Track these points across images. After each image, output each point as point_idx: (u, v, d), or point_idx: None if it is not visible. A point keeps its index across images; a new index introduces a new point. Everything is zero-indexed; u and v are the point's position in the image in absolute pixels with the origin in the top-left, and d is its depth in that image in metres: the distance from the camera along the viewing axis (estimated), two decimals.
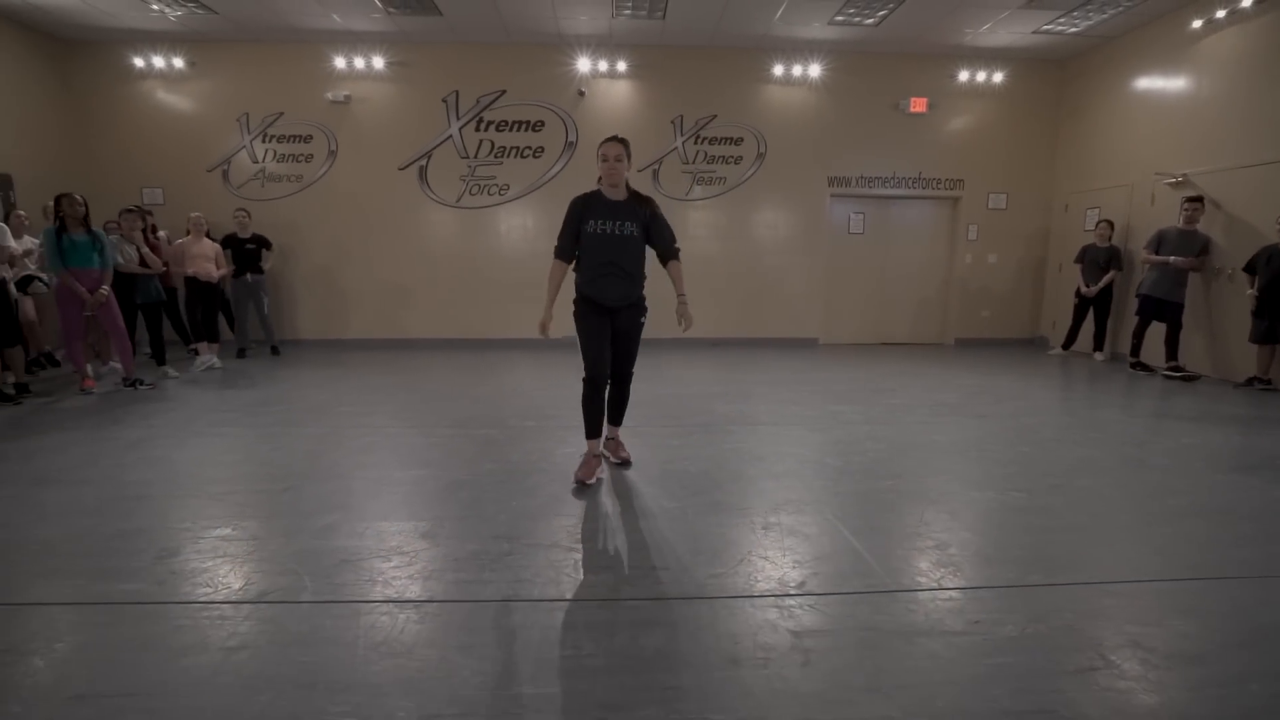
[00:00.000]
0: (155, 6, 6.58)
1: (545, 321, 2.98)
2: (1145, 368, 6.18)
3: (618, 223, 2.89)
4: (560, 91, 7.53)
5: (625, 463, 3.22)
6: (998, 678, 1.60)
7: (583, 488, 2.91)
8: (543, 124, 7.62)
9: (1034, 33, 6.89)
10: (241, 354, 6.98)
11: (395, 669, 1.61)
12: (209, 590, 2.00)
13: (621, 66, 7.43)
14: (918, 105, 7.69)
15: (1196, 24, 6.05)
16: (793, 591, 2.02)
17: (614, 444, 3.27)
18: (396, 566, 2.16)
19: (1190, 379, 5.81)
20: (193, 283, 6.26)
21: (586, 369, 2.97)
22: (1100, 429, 4.09)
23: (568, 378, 5.52)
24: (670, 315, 3.05)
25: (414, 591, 2.00)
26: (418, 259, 7.83)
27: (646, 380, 2.74)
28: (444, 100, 7.54)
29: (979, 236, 8.11)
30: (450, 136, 7.62)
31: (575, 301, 3.02)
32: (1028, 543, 2.40)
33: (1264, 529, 2.55)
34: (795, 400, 4.81)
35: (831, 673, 1.62)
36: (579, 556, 2.25)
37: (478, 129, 7.61)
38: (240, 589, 2.01)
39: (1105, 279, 6.67)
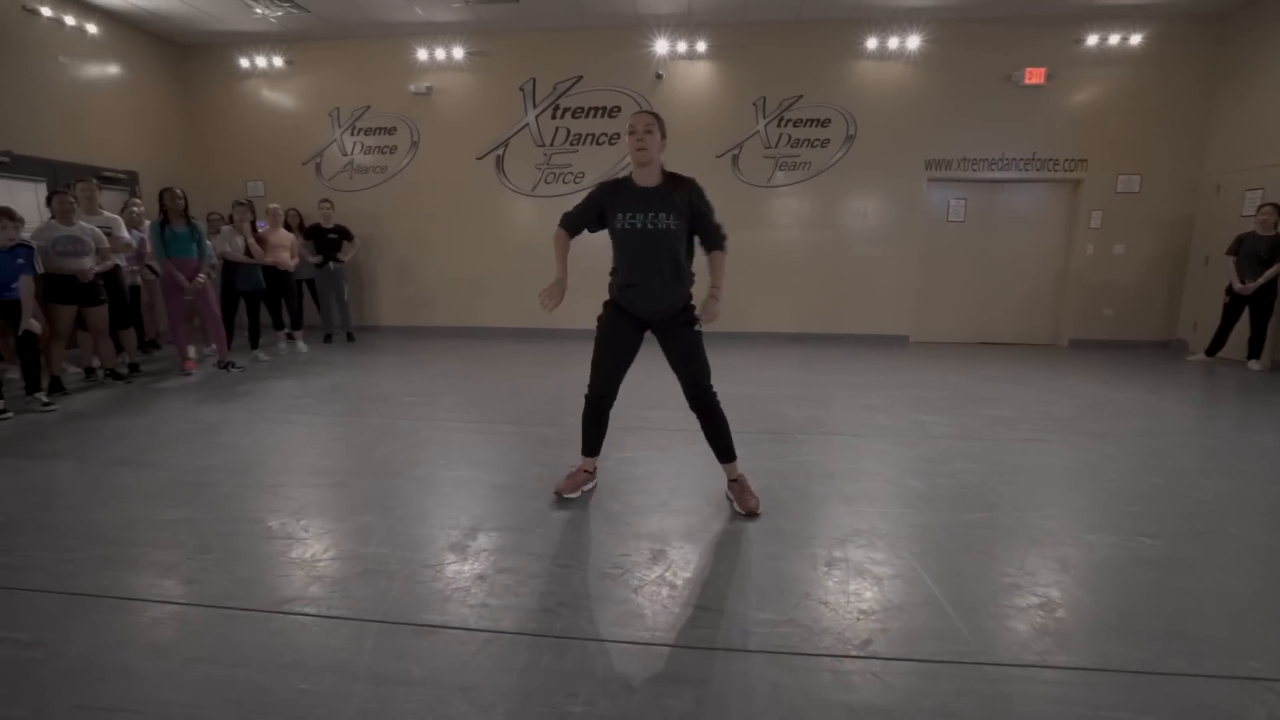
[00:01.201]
0: (258, 10, 6.92)
1: (552, 288, 2.58)
2: None
3: (650, 215, 2.39)
4: (637, 75, 7.28)
5: (751, 514, 2.54)
6: None
7: (560, 500, 2.64)
8: (619, 109, 7.41)
9: None
10: (327, 339, 7.30)
11: (386, 706, 1.46)
12: (227, 594, 1.95)
13: (701, 47, 7.08)
14: (1034, 76, 6.83)
15: None
16: (855, 653, 1.70)
17: (737, 487, 2.62)
18: (420, 583, 2.03)
19: None
20: (270, 272, 6.50)
21: (590, 385, 2.61)
22: (1257, 459, 3.39)
23: (634, 374, 5.30)
24: (738, 308, 2.71)
25: (430, 614, 1.86)
26: (493, 248, 7.87)
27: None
28: (521, 88, 7.49)
29: (1103, 224, 7.14)
30: (526, 125, 7.57)
31: (605, 304, 2.64)
32: (1164, 611, 1.94)
33: None
34: (878, 406, 4.36)
35: None
36: (610, 585, 2.03)
37: (554, 116, 7.51)
38: (263, 596, 1.95)
39: (1268, 274, 5.65)
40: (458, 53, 7.43)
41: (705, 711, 1.48)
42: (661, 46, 7.08)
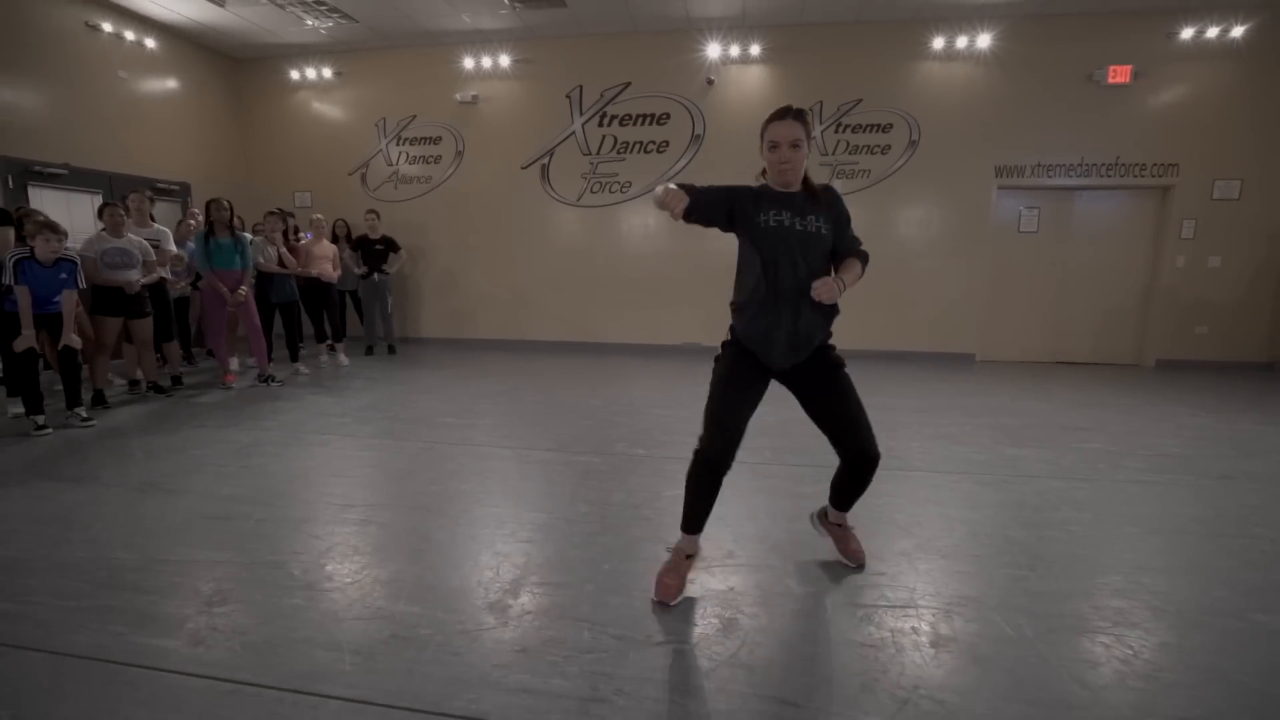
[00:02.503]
0: (309, 21, 6.93)
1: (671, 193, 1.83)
2: None
3: (798, 217, 1.96)
4: (687, 81, 7.02)
5: (860, 566, 2.24)
6: None
7: (664, 608, 1.98)
8: (668, 116, 7.15)
9: None
10: (369, 351, 7.21)
11: None
12: (235, 665, 1.71)
13: (755, 50, 6.77)
14: (1118, 75, 6.29)
15: None
16: None
17: (843, 534, 2.28)
18: (454, 654, 1.75)
19: None
20: (313, 283, 6.43)
21: (705, 436, 1.97)
22: None
23: (686, 395, 5.00)
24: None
25: (463, 699, 1.57)
26: (538, 259, 7.69)
27: (770, 401, 2.06)
28: (567, 96, 7.31)
29: (1197, 234, 6.52)
30: (573, 133, 7.38)
31: (724, 344, 2.12)
32: None
33: None
34: (955, 437, 3.93)
35: None
36: (674, 666, 1.71)
37: (600, 124, 7.30)
38: (275, 669, 1.70)
39: None
40: (504, 60, 7.31)
41: None
42: (713, 50, 6.81)
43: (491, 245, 7.77)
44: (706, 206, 1.92)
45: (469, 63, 7.39)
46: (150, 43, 6.96)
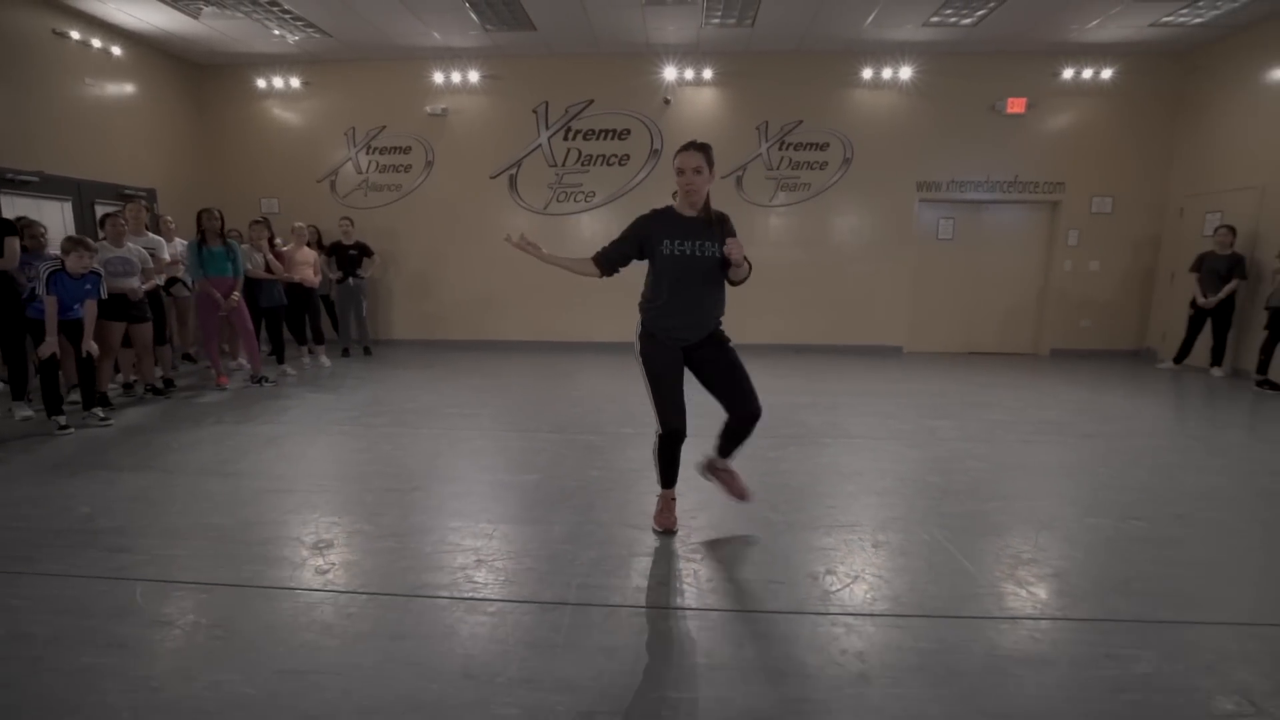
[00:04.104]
0: (276, 32, 7.16)
1: (533, 245, 2.52)
2: (1274, 386, 5.72)
3: (698, 242, 2.42)
4: (646, 100, 7.68)
5: (743, 499, 2.75)
6: (1136, 715, 1.60)
7: (670, 534, 2.62)
8: (629, 132, 7.79)
9: (1151, 25, 6.48)
10: (345, 353, 7.51)
11: (547, 668, 1.77)
12: (363, 583, 2.24)
13: (707, 74, 7.50)
14: (1015, 106, 7.37)
15: None
16: (913, 612, 2.06)
17: (729, 476, 2.75)
18: (545, 561, 2.34)
19: None
20: (295, 288, 6.71)
21: (662, 421, 2.47)
22: (1225, 454, 3.85)
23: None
24: (742, 320, 2.72)
25: (548, 594, 2.17)
26: (506, 264, 8.15)
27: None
28: (534, 111, 7.83)
29: (1080, 242, 7.70)
30: (540, 146, 7.91)
31: (641, 338, 2.57)
32: (1155, 575, 2.33)
33: None
34: (887, 413, 4.76)
35: (960, 697, 1.66)
36: (696, 568, 2.37)
37: (566, 138, 7.86)
38: (405, 583, 2.24)
39: (1226, 289, 6.20)
40: (473, 76, 7.75)
41: (804, 658, 1.82)
42: (670, 73, 7.49)
43: (462, 251, 8.19)
44: (614, 261, 2.54)
45: (439, 77, 7.80)
46: (116, 50, 7.03)
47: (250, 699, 1.63)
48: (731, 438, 2.65)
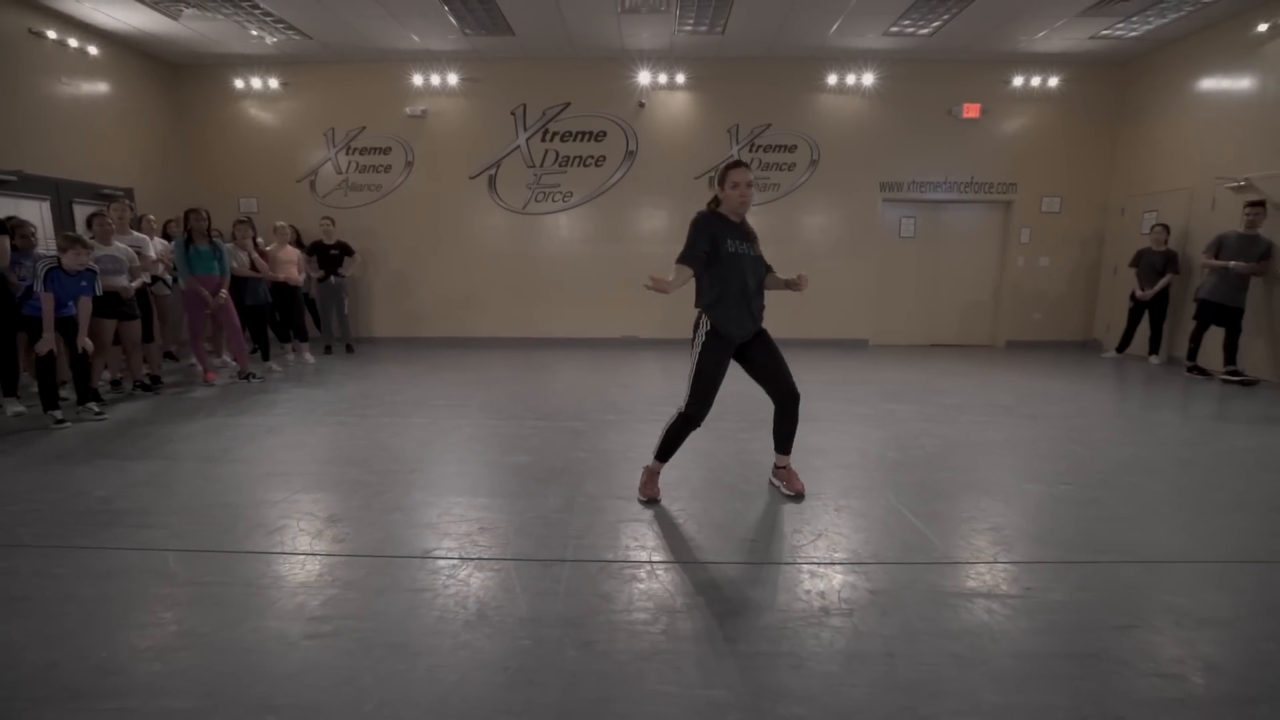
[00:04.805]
0: (255, 33, 7.25)
1: (662, 280, 2.54)
2: (1203, 371, 6.23)
3: (747, 244, 2.76)
4: (622, 103, 7.94)
5: (799, 495, 2.95)
6: (1048, 630, 1.92)
7: (653, 503, 2.88)
8: (605, 134, 8.04)
9: (1091, 38, 6.97)
10: (328, 351, 7.63)
11: (552, 610, 2.03)
12: (377, 547, 2.47)
13: (680, 79, 7.80)
14: (970, 111, 7.83)
15: (1262, 27, 6.06)
16: (868, 560, 2.36)
17: (787, 473, 3.05)
18: (544, 528, 2.59)
19: (1249, 383, 5.86)
20: (279, 287, 6.82)
21: (691, 406, 2.77)
22: (1152, 430, 4.27)
23: (631, 377, 5.96)
24: None
25: (547, 553, 2.42)
26: (486, 262, 8.36)
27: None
28: (513, 113, 8.04)
29: (1031, 240, 8.19)
30: (518, 147, 8.11)
31: (708, 334, 2.78)
32: (1075, 528, 2.68)
33: None
34: (853, 399, 5.10)
35: (905, 622, 1.97)
36: (679, 529, 2.64)
37: (543, 139, 8.09)
38: (417, 547, 2.47)
39: (1161, 283, 6.72)
40: (452, 79, 7.93)
41: (777, 598, 2.10)
42: (644, 77, 7.76)
43: (442, 250, 8.36)
44: (700, 257, 2.70)
45: (418, 79, 7.95)
46: (93, 50, 7.04)
47: (291, 637, 1.86)
48: (784, 428, 2.98)
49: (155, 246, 6.25)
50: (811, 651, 1.80)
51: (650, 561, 2.35)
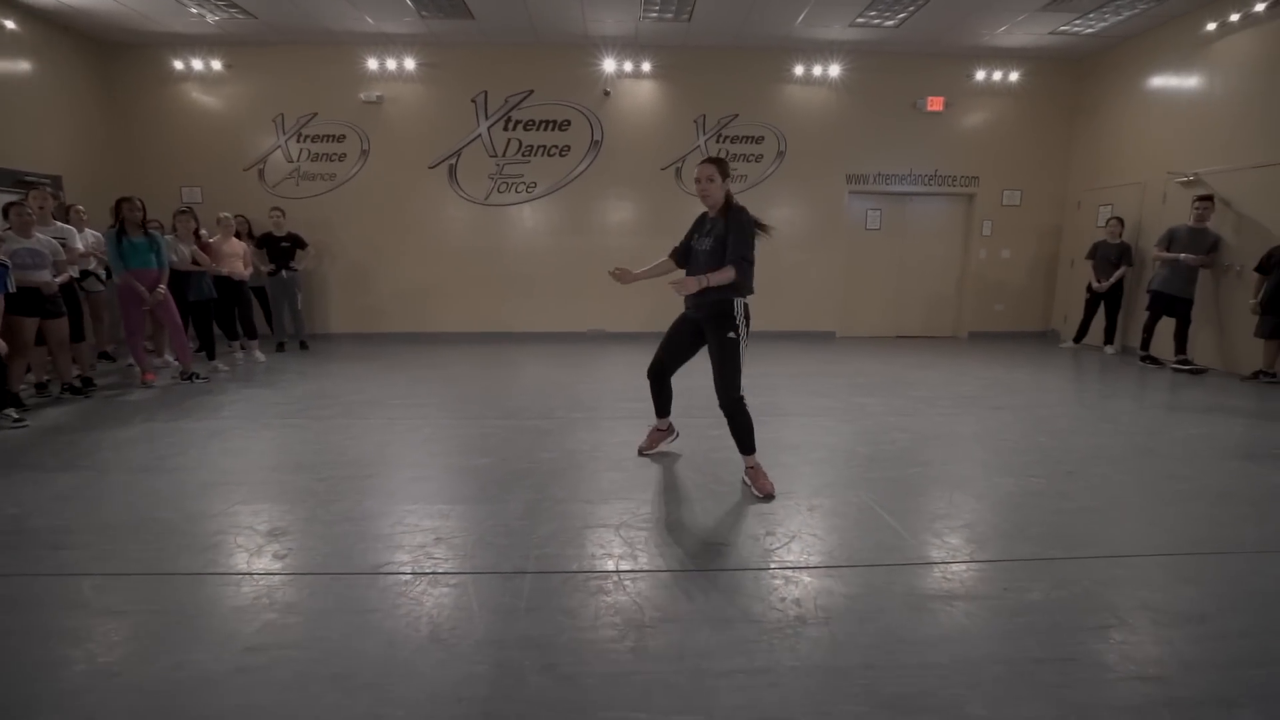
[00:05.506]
0: (194, 10, 6.81)
1: (624, 272, 3.13)
2: (1155, 361, 6.40)
3: (706, 238, 3.06)
4: (586, 91, 7.74)
5: (768, 496, 2.89)
6: (1027, 632, 1.87)
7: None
8: (569, 123, 7.84)
9: (1050, 33, 7.05)
10: (280, 348, 7.28)
11: (512, 630, 1.89)
12: (323, 564, 2.29)
13: (646, 67, 7.63)
14: (935, 104, 7.87)
15: (1211, 26, 6.20)
16: (843, 564, 2.29)
17: (755, 473, 3.00)
18: (504, 538, 2.44)
19: (1198, 372, 6.03)
20: (224, 282, 6.47)
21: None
22: (1113, 420, 4.33)
23: (602, 372, 5.82)
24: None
25: (508, 565, 2.28)
26: (446, 255, 8.09)
27: (680, 372, 3.11)
28: (473, 100, 7.76)
29: (993, 232, 8.30)
30: (479, 136, 7.85)
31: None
32: (1047, 523, 2.66)
33: (1261, 510, 2.80)
34: (821, 392, 5.06)
35: (883, 629, 1.89)
36: (649, 536, 2.52)
37: (506, 128, 7.84)
38: (367, 562, 2.30)
39: (1116, 275, 6.87)
40: (409, 64, 7.61)
41: (751, 607, 2.00)
42: (609, 65, 7.58)
43: (401, 242, 8.05)
44: (683, 251, 3.22)
45: (373, 64, 7.61)
46: (10, 24, 6.52)
47: (217, 674, 1.68)
48: (732, 432, 3.05)
49: (87, 238, 5.85)
50: (789, 667, 1.71)
51: (618, 571, 2.23)
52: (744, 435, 2.98)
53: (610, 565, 2.27)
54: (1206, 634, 1.86)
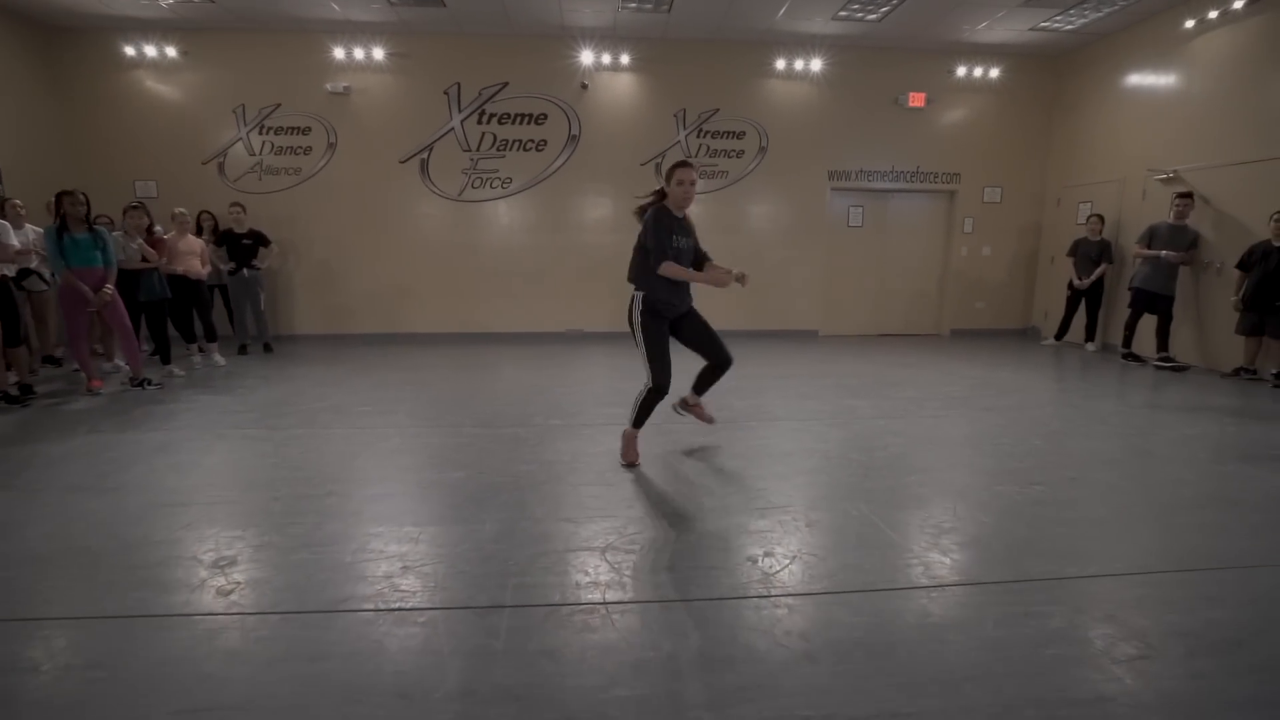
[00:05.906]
0: None
1: (728, 274, 3.15)
2: (1136, 358, 6.39)
3: (687, 238, 3.15)
4: (563, 84, 7.49)
5: (711, 420, 3.64)
6: (1057, 668, 1.71)
7: (631, 468, 3.22)
8: (545, 117, 7.58)
9: (1030, 30, 7.00)
10: (243, 351, 6.92)
11: (487, 677, 1.68)
12: (274, 601, 2.04)
13: (625, 60, 7.41)
14: (916, 100, 7.78)
15: (1189, 23, 6.19)
16: (849, 589, 2.11)
17: (697, 409, 3.59)
18: (477, 564, 2.21)
19: (1180, 369, 6.03)
20: (180, 281, 6.10)
21: (655, 378, 3.15)
22: (1103, 420, 4.25)
23: (583, 375, 5.60)
24: None
25: (483, 598, 2.06)
26: (419, 253, 7.78)
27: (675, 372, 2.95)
28: (445, 92, 7.47)
29: (974, 229, 8.26)
30: (452, 129, 7.55)
31: (642, 313, 3.15)
32: (1057, 535, 2.52)
33: (1270, 519, 2.70)
34: (809, 395, 4.91)
35: (902, 667, 1.71)
36: (636, 559, 2.32)
37: (480, 121, 7.56)
38: (324, 598, 2.06)
39: (1097, 272, 6.86)
40: (378, 53, 7.28)
41: (752, 641, 1.82)
42: (586, 57, 7.34)
43: (371, 239, 7.72)
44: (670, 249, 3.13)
45: (340, 53, 7.26)
46: None
47: None
48: (707, 380, 3.48)
49: (27, 235, 5.44)
50: (802, 717, 1.52)
51: (605, 603, 2.02)
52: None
53: (597, 596, 2.07)
54: (1244, 665, 1.73)
